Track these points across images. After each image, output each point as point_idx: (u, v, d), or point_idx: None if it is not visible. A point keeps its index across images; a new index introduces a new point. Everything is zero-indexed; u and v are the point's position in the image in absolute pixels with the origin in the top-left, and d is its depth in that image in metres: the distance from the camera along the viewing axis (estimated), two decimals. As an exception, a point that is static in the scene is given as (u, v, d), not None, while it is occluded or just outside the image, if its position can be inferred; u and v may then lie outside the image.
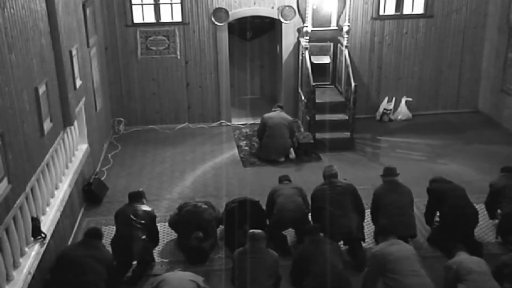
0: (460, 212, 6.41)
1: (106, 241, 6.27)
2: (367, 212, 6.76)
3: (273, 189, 6.77)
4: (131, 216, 6.15)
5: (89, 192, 7.63)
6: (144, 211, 6.30)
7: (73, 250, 5.72)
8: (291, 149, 9.11)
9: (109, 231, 6.74)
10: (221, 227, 6.76)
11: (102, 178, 8.24)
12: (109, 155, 9.28)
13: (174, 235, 6.73)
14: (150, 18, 10.15)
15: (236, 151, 9.52)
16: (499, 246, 6.61)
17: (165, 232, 6.82)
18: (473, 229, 6.52)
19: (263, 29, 11.44)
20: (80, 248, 5.63)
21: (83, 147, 7.86)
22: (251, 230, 5.50)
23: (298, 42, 10.26)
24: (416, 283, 5.17)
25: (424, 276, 5.26)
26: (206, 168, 8.90)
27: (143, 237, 6.11)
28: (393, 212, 6.33)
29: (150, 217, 6.32)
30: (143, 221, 6.15)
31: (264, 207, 6.74)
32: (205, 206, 6.57)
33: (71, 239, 6.73)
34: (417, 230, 6.49)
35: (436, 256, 6.38)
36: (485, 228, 6.95)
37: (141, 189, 6.75)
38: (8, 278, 4.86)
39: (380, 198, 6.55)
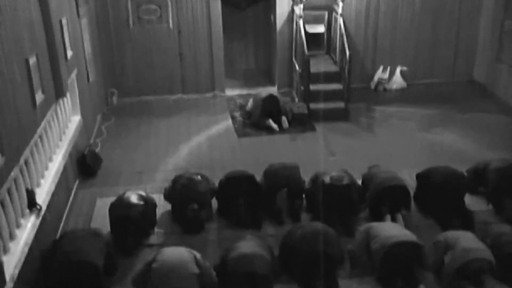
0: (448, 180, 6.44)
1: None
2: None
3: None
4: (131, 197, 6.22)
5: (83, 164, 7.61)
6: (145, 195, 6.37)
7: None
8: (284, 117, 9.10)
9: (104, 203, 6.73)
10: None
11: (96, 150, 8.22)
12: (103, 127, 9.24)
13: (169, 206, 6.74)
14: (142, -13, 10.00)
15: (230, 122, 9.50)
16: (491, 213, 6.64)
17: (160, 204, 6.83)
18: (463, 196, 6.55)
19: (257, -2, 11.30)
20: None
21: (76, 119, 7.81)
22: None
23: (293, 10, 10.14)
24: None
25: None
26: (200, 139, 8.89)
27: (142, 202, 6.14)
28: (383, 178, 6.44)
29: (151, 202, 6.39)
30: (142, 202, 6.20)
31: (258, 179, 6.74)
32: (200, 179, 6.57)
33: (66, 211, 6.75)
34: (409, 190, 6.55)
35: (428, 224, 6.43)
36: (476, 196, 6.97)
37: None
38: (5, 250, 4.88)
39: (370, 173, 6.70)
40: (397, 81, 10.85)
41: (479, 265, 5.24)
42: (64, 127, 7.24)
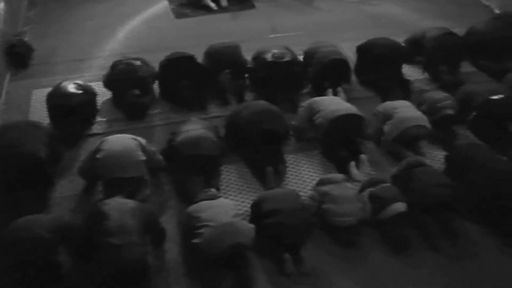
0: (387, 51, 6.51)
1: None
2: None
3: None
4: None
5: (13, 54, 7.19)
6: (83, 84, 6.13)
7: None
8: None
9: (41, 95, 6.48)
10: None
11: (26, 39, 7.74)
12: (30, 14, 8.62)
13: (109, 94, 6.58)
14: None
15: (166, 2, 9.07)
16: (427, 81, 6.84)
17: (101, 92, 6.65)
18: (401, 65, 6.69)
19: None
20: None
21: (0, 5, 7.25)
22: None
23: None
24: None
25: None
26: (137, 22, 8.50)
27: (81, 91, 5.94)
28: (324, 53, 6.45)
29: (90, 91, 6.17)
30: (81, 91, 5.97)
31: (199, 60, 6.61)
32: (139, 63, 6.36)
33: (0, 106, 6.48)
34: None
35: (368, 96, 6.59)
36: (413, 65, 7.08)
37: None
38: None
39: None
40: None
41: (415, 132, 5.52)
42: (-14, 15, 6.74)
